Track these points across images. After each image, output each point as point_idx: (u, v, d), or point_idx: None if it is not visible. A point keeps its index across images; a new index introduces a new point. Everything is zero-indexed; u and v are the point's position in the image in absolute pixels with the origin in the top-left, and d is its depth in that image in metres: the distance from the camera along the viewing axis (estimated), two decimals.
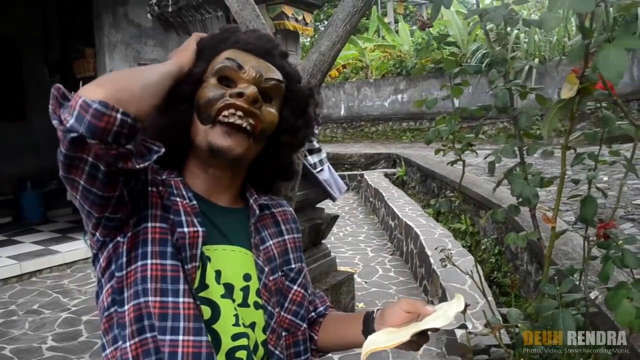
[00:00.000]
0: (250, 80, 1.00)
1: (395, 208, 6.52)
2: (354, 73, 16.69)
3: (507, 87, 1.11)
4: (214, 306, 0.95)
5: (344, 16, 1.78)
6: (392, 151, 11.50)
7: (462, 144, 1.33)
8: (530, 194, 1.04)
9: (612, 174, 6.32)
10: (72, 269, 5.76)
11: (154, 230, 0.93)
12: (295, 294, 1.09)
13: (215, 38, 1.06)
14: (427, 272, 4.62)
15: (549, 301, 1.06)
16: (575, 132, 1.15)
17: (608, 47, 0.71)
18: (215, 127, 0.97)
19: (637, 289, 1.02)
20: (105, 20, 6.27)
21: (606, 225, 1.04)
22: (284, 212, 1.17)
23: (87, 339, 3.92)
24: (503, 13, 1.01)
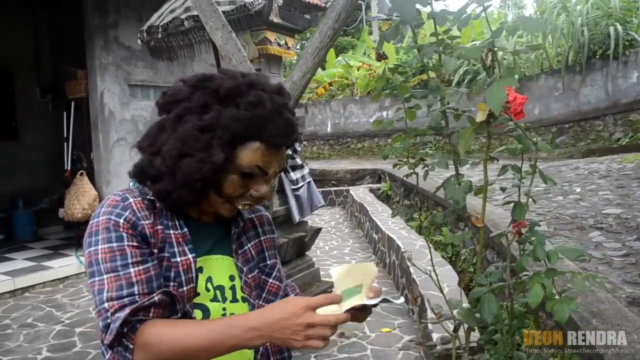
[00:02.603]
0: (267, 180, 1.16)
1: (379, 222, 6.75)
2: (340, 90, 16.99)
3: (441, 110, 1.35)
4: (204, 309, 1.15)
5: (312, 51, 2.04)
6: (378, 167, 11.76)
7: (416, 159, 1.56)
8: (459, 197, 1.27)
9: (585, 185, 6.61)
10: (64, 284, 5.91)
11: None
12: (271, 285, 1.31)
13: (248, 124, 1.08)
14: (407, 281, 4.83)
15: (479, 288, 1.29)
16: (501, 146, 1.38)
17: (493, 85, 0.94)
18: (227, 204, 1.15)
19: (548, 277, 1.25)
20: (96, 43, 6.49)
21: (519, 224, 1.27)
22: (261, 217, 1.37)
23: (82, 349, 4.08)
24: (435, 49, 1.25)
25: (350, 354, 3.86)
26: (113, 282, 1.02)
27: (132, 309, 1.00)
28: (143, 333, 1.01)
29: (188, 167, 1.07)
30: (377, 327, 4.33)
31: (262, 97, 1.09)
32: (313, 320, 0.95)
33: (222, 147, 1.08)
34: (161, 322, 1.04)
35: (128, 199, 1.11)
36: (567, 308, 1.21)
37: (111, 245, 1.05)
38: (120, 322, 0.98)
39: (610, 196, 5.77)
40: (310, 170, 4.73)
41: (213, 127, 1.08)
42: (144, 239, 1.09)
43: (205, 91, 1.12)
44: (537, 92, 12.03)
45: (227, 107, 1.09)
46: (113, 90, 6.63)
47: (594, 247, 4.09)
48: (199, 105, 1.10)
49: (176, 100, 1.13)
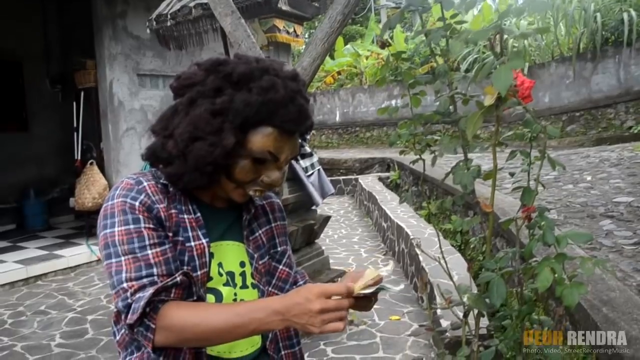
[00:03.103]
0: (278, 166, 1.15)
1: (388, 210, 6.74)
2: (349, 80, 16.94)
3: (449, 95, 1.34)
4: (217, 293, 1.16)
5: (322, 36, 2.03)
6: (386, 156, 11.73)
7: (422, 145, 1.55)
8: (467, 181, 1.27)
9: (596, 173, 6.56)
10: (75, 273, 5.97)
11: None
12: (281, 272, 1.31)
13: (260, 109, 1.08)
14: (416, 269, 4.83)
15: (489, 273, 1.29)
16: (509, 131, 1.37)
17: (501, 67, 0.93)
18: (238, 189, 1.15)
19: (558, 261, 1.24)
20: (105, 33, 6.50)
21: (529, 209, 1.26)
22: (272, 203, 1.37)
23: (94, 336, 4.13)
24: (442, 34, 1.25)
25: (360, 342, 3.88)
26: (131, 263, 1.03)
27: (156, 288, 1.01)
28: (166, 314, 1.01)
29: (199, 150, 1.06)
30: (386, 314, 4.34)
31: (275, 82, 1.08)
32: (327, 305, 0.96)
33: (234, 132, 1.07)
34: (184, 304, 1.05)
35: (142, 183, 1.11)
36: (576, 293, 1.20)
37: (128, 228, 1.05)
38: (145, 301, 0.99)
39: (622, 184, 5.73)
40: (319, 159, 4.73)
41: (225, 111, 1.07)
42: (159, 222, 1.09)
43: (218, 75, 1.11)
44: (548, 80, 11.92)
45: (239, 92, 1.08)
46: (122, 80, 6.65)
47: (604, 235, 4.07)
48: (212, 89, 1.10)
49: (190, 84, 1.12)
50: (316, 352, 3.72)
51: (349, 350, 3.76)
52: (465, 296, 1.38)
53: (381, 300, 4.70)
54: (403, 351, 3.65)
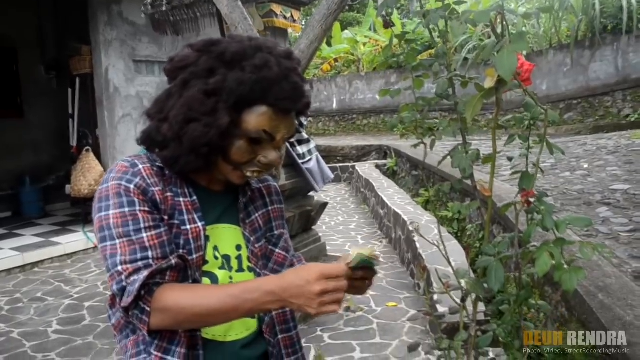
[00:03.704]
0: (276, 146, 1.14)
1: (385, 197, 6.75)
2: (346, 67, 16.87)
3: (448, 77, 1.32)
4: (212, 277, 1.15)
5: (320, 18, 2.00)
6: (383, 143, 11.73)
7: (424, 129, 1.54)
8: (466, 165, 1.26)
9: (593, 161, 6.57)
10: (72, 260, 5.97)
11: None
12: (277, 255, 1.30)
13: (254, 87, 1.06)
14: (413, 256, 4.84)
15: (487, 258, 1.28)
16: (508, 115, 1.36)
17: (504, 50, 0.92)
18: (236, 171, 1.14)
19: (557, 246, 1.24)
20: (100, 19, 6.44)
21: (527, 193, 1.25)
22: (268, 187, 1.36)
23: (91, 322, 4.13)
24: (441, 14, 1.23)
25: (357, 328, 3.89)
26: (126, 246, 1.02)
27: (151, 271, 1.00)
28: (161, 296, 1.01)
29: (194, 131, 1.06)
30: (383, 301, 4.35)
31: (268, 60, 1.07)
32: (326, 287, 0.95)
33: (228, 111, 1.06)
34: (178, 286, 1.05)
35: (137, 165, 1.10)
36: (575, 278, 1.20)
37: (123, 210, 1.04)
38: (139, 283, 0.99)
39: (618, 172, 5.74)
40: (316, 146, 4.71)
41: (219, 90, 1.06)
42: (154, 205, 1.08)
43: (211, 55, 1.10)
44: (546, 68, 11.90)
45: (232, 71, 1.07)
46: (118, 66, 6.60)
47: (601, 222, 4.08)
48: (205, 69, 1.09)
49: (183, 66, 1.11)
50: (313, 338, 3.73)
51: (346, 336, 3.77)
52: (463, 281, 1.37)
53: (378, 287, 4.71)
54: (400, 337, 3.67)
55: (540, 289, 3.57)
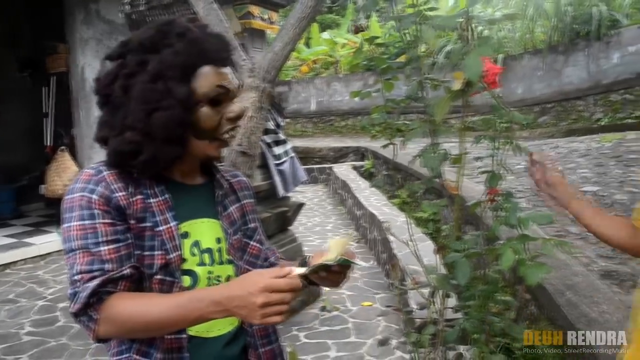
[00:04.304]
0: (233, 97, 1.19)
1: (361, 198, 6.80)
2: (324, 68, 16.92)
3: (419, 80, 1.37)
4: (192, 274, 1.17)
5: (294, 21, 2.04)
6: (361, 145, 11.79)
7: (393, 129, 1.58)
8: (434, 164, 1.31)
9: (565, 164, 6.72)
10: (46, 261, 5.88)
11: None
12: (252, 248, 1.33)
13: (189, 51, 1.11)
14: (389, 256, 4.90)
15: (454, 254, 1.33)
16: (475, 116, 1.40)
17: (470, 54, 0.96)
18: (213, 142, 1.17)
19: (520, 242, 1.29)
20: (77, 17, 6.37)
21: (493, 191, 1.31)
22: (239, 182, 1.39)
23: (65, 323, 4.09)
24: (413, 20, 1.27)
25: (332, 327, 3.93)
26: (85, 257, 1.05)
27: (102, 280, 1.02)
28: (108, 306, 1.03)
29: (160, 119, 1.08)
30: (359, 300, 4.40)
31: (186, 25, 1.14)
32: (269, 300, 0.96)
33: (180, 84, 1.10)
34: (128, 296, 1.06)
35: (102, 172, 1.12)
36: (537, 273, 1.25)
37: (83, 223, 1.06)
38: (88, 291, 1.01)
39: (589, 174, 5.89)
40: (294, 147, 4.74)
41: (161, 71, 1.09)
42: (118, 211, 1.09)
43: (132, 52, 1.13)
44: (521, 72, 12.11)
45: (161, 50, 1.11)
46: (94, 65, 6.53)
47: (571, 223, 4.18)
48: (136, 64, 1.11)
49: (113, 77, 1.13)
50: (289, 337, 3.75)
51: (322, 335, 3.80)
52: (431, 276, 1.42)
53: (354, 286, 4.76)
54: (374, 336, 3.71)
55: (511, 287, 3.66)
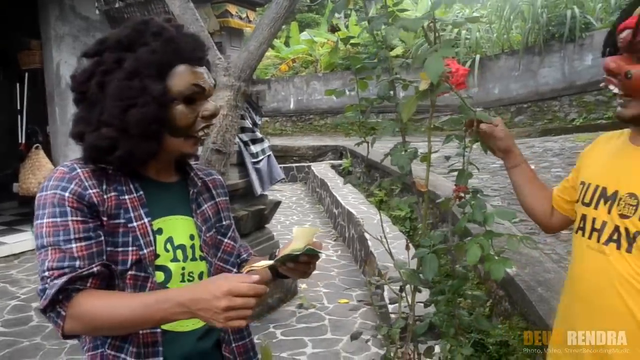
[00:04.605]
0: (208, 95, 1.21)
1: (339, 197, 6.84)
2: (304, 67, 16.93)
3: (389, 80, 1.40)
4: (165, 270, 1.19)
5: (268, 21, 2.07)
6: (339, 143, 11.84)
7: (366, 128, 1.61)
8: (404, 163, 1.34)
9: (539, 163, 6.83)
10: (19, 260, 5.80)
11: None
12: (226, 245, 1.35)
13: (165, 50, 1.13)
14: (365, 254, 4.94)
15: (422, 250, 1.36)
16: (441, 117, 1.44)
17: (432, 55, 0.99)
18: (188, 140, 1.19)
19: (486, 238, 1.32)
20: (51, 13, 6.28)
21: (460, 189, 1.34)
22: (214, 180, 1.41)
23: (39, 323, 4.04)
24: (384, 21, 1.30)
25: (309, 324, 3.95)
26: (56, 253, 1.06)
27: (70, 277, 1.03)
28: (76, 303, 1.04)
29: (136, 115, 1.09)
30: (335, 298, 4.43)
31: (162, 25, 1.16)
32: (233, 304, 0.97)
33: (155, 82, 1.12)
34: (96, 294, 1.06)
35: (75, 169, 1.13)
36: (502, 267, 1.29)
37: (55, 220, 1.07)
38: (56, 288, 1.02)
39: (562, 173, 6.00)
40: (273, 146, 4.75)
41: (137, 69, 1.11)
42: (91, 208, 1.10)
43: (110, 49, 1.15)
44: (498, 72, 12.26)
45: (138, 49, 1.13)
46: (70, 62, 6.45)
47: None
48: (113, 62, 1.13)
49: (90, 74, 1.15)
50: (266, 334, 3.77)
51: (298, 332, 3.83)
52: (400, 271, 1.45)
53: (330, 284, 4.79)
54: (350, 332, 3.74)
55: (486, 284, 3.72)
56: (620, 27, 1.12)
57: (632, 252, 1.10)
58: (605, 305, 1.14)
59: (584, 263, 1.24)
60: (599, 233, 1.19)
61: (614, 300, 1.12)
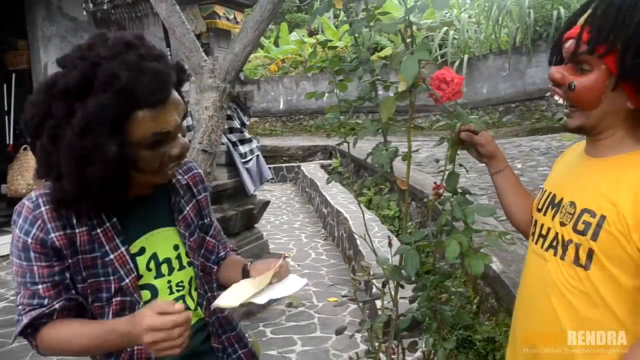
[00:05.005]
0: (174, 135, 1.12)
1: (328, 196, 6.87)
2: (293, 67, 16.95)
3: (370, 81, 1.44)
4: (151, 288, 1.22)
5: (253, 23, 2.11)
6: (329, 143, 11.87)
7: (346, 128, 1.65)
8: (384, 161, 1.37)
9: (526, 161, 6.91)
10: (8, 261, 5.76)
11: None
12: (208, 242, 1.38)
13: (116, 103, 1.01)
14: (354, 253, 4.98)
15: (403, 246, 1.40)
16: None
17: (408, 58, 1.03)
18: (156, 175, 1.14)
19: (465, 234, 1.36)
20: (38, 13, 6.26)
21: (438, 186, 1.38)
22: (194, 176, 1.39)
23: None
24: (364, 24, 1.34)
25: (298, 322, 3.98)
26: (26, 291, 1.13)
27: (34, 316, 1.11)
28: (41, 337, 1.14)
29: (94, 173, 1.03)
30: (325, 296, 4.47)
31: (112, 70, 1.01)
32: (155, 338, 1.00)
33: (111, 137, 1.02)
34: (59, 326, 1.14)
35: (40, 207, 1.11)
36: (481, 263, 1.32)
37: (22, 263, 1.12)
38: (23, 325, 1.11)
39: (548, 172, 6.03)
40: (263, 146, 4.78)
41: (87, 126, 1.01)
42: (55, 252, 1.11)
43: (57, 98, 1.04)
44: (486, 72, 12.35)
45: (86, 100, 1.01)
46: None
47: None
48: (62, 115, 1.03)
49: (40, 121, 1.06)
50: (256, 333, 3.80)
51: (288, 330, 3.86)
52: (382, 267, 1.49)
53: (320, 283, 4.83)
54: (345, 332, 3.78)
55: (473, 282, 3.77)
56: (565, 37, 1.11)
57: (565, 259, 1.11)
58: (537, 309, 1.16)
59: (528, 267, 1.27)
60: (543, 239, 1.20)
61: (544, 305, 1.14)
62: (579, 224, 1.08)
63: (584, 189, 1.12)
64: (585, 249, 1.06)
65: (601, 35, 1.02)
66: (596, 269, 1.05)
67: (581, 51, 1.05)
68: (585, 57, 1.06)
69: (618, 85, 1.03)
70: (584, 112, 1.10)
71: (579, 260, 1.08)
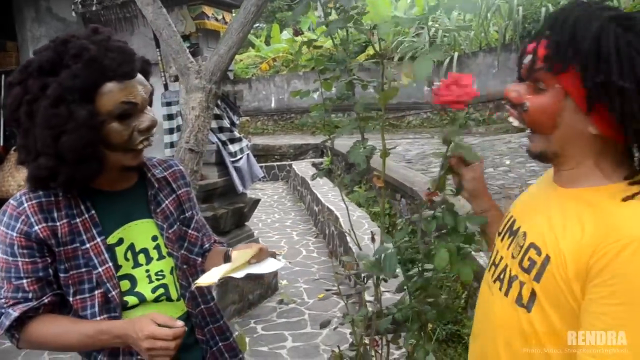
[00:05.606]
0: (142, 108, 1.19)
1: (319, 194, 6.92)
2: (285, 66, 16.97)
3: (347, 80, 1.49)
4: (130, 278, 1.26)
5: (237, 26, 2.15)
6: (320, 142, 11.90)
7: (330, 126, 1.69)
8: (360, 160, 1.42)
9: (515, 158, 6.98)
10: None
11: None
12: (190, 235, 1.42)
13: (88, 72, 1.10)
14: (344, 250, 5.03)
15: (384, 246, 1.44)
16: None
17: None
18: (127, 153, 1.19)
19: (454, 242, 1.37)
20: (27, 14, 6.26)
21: (431, 193, 1.39)
22: (173, 172, 1.43)
23: None
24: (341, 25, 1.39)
25: (289, 319, 4.03)
26: (10, 285, 1.18)
27: (21, 311, 1.16)
28: (27, 331, 1.18)
29: (68, 142, 1.10)
30: (315, 293, 4.52)
31: (81, 45, 1.12)
32: (153, 346, 1.08)
33: (82, 106, 1.10)
34: (46, 321, 1.19)
35: (23, 204, 1.18)
36: (470, 270, 1.32)
37: (6, 258, 1.18)
38: (10, 320, 1.15)
39: (536, 168, 6.14)
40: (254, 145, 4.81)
41: (61, 96, 1.10)
42: (39, 244, 1.17)
43: (32, 76, 1.13)
44: (476, 69, 12.41)
45: (59, 73, 1.11)
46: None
47: None
48: (37, 89, 1.11)
49: (18, 103, 1.13)
50: (247, 329, 3.84)
51: (278, 327, 3.91)
52: (361, 262, 1.53)
53: (311, 280, 4.88)
54: (330, 326, 3.81)
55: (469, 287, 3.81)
56: (526, 51, 0.98)
57: (508, 296, 0.98)
58: (484, 345, 1.06)
59: (480, 296, 1.13)
60: (495, 268, 1.06)
61: (491, 341, 1.02)
62: (525, 260, 0.96)
63: (538, 220, 0.98)
64: (529, 289, 0.93)
65: (558, 51, 0.90)
66: (537, 311, 0.92)
67: (537, 67, 0.93)
68: (540, 74, 0.93)
69: (579, 107, 0.90)
70: (542, 136, 0.97)
71: (521, 300, 0.95)
